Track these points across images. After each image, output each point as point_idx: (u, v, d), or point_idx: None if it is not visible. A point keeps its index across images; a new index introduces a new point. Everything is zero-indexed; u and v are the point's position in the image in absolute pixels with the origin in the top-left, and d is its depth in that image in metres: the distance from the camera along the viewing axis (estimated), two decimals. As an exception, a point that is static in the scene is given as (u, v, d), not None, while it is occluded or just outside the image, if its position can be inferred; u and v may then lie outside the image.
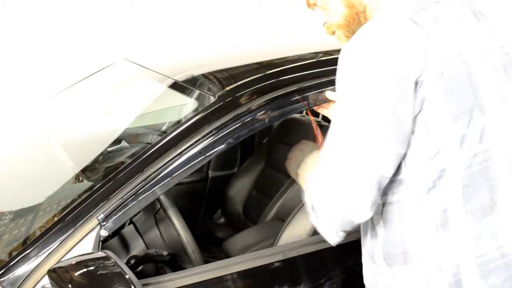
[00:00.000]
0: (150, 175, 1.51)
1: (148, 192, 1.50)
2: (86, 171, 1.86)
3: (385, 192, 1.15)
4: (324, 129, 2.47)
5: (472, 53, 1.12)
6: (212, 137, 1.57)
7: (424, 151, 1.10)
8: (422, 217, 1.14)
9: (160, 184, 1.52)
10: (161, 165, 1.52)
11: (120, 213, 1.47)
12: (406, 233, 1.16)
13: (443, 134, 1.10)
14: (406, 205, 1.15)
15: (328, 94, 1.50)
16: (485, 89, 1.13)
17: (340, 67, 1.10)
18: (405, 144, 1.08)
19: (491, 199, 1.14)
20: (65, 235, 1.42)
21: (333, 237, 1.17)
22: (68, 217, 1.45)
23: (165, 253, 1.83)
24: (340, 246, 1.68)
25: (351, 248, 1.72)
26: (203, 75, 1.92)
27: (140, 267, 1.87)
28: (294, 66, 1.86)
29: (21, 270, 1.38)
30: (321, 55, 2.01)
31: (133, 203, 1.49)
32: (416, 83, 1.06)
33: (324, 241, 1.68)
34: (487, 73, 1.13)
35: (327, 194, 1.10)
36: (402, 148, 1.08)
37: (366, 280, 1.30)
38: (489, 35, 1.17)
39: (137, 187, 1.49)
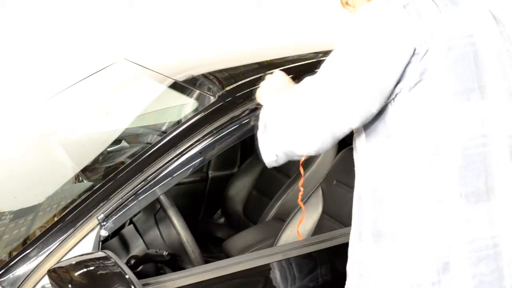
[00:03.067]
0: (150, 175, 1.51)
1: (148, 192, 1.50)
2: (86, 171, 1.86)
3: (378, 168, 1.17)
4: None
5: (482, 37, 1.15)
6: (212, 137, 1.57)
7: (419, 124, 1.11)
8: (416, 194, 1.14)
9: (160, 184, 1.52)
10: (161, 165, 1.52)
11: (120, 213, 1.47)
12: (399, 209, 1.15)
13: (441, 109, 1.11)
14: (400, 181, 1.15)
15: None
16: (490, 74, 1.15)
17: (354, 22, 1.13)
18: (378, 104, 1.10)
19: (486, 184, 1.14)
20: (65, 235, 1.42)
21: (271, 156, 1.20)
22: (68, 217, 1.45)
23: (165, 253, 1.83)
24: (340, 246, 1.69)
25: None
26: (203, 75, 1.92)
27: (140, 267, 1.87)
28: (294, 66, 1.86)
29: (21, 270, 1.37)
30: (321, 55, 2.01)
31: (133, 203, 1.49)
32: (415, 53, 1.08)
33: (324, 241, 1.69)
34: (493, 59, 1.16)
35: (287, 118, 1.13)
36: (372, 106, 1.10)
37: (349, 262, 1.29)
38: (501, 27, 1.21)
39: (137, 187, 1.49)
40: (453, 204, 1.13)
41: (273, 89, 1.35)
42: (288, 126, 1.13)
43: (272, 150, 1.19)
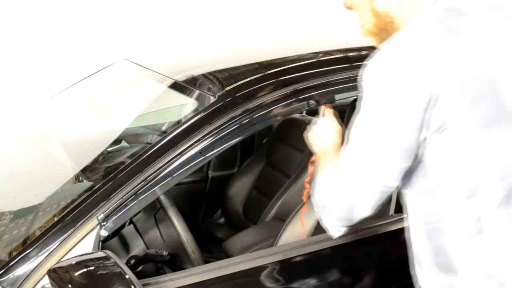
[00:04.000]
0: (150, 175, 1.51)
1: (148, 192, 1.50)
2: (86, 171, 1.86)
3: (424, 203, 1.19)
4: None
5: (494, 64, 1.12)
6: (212, 137, 1.57)
7: (451, 163, 1.12)
8: (459, 227, 1.15)
9: (160, 184, 1.52)
10: (161, 165, 1.52)
11: (120, 213, 1.47)
12: (448, 243, 1.17)
13: (470, 145, 1.11)
14: (443, 216, 1.16)
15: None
16: (510, 99, 1.13)
17: (363, 81, 1.14)
18: (409, 159, 1.13)
19: None
20: (65, 235, 1.42)
21: (335, 231, 1.25)
22: (68, 217, 1.45)
23: (165, 253, 1.83)
24: (339, 247, 1.69)
25: (350, 248, 1.73)
26: (203, 75, 1.92)
27: (140, 267, 1.87)
28: (294, 66, 1.86)
29: (21, 270, 1.37)
30: (321, 55, 2.01)
31: (133, 203, 1.49)
32: (429, 101, 1.07)
33: (323, 241, 1.69)
34: (510, 83, 1.13)
35: (333, 194, 1.18)
36: (406, 162, 1.13)
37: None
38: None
39: (137, 187, 1.49)
40: (495, 231, 1.14)
41: (321, 141, 1.42)
42: (337, 201, 1.17)
43: (334, 226, 1.25)
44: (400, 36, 1.13)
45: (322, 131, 1.45)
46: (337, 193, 1.17)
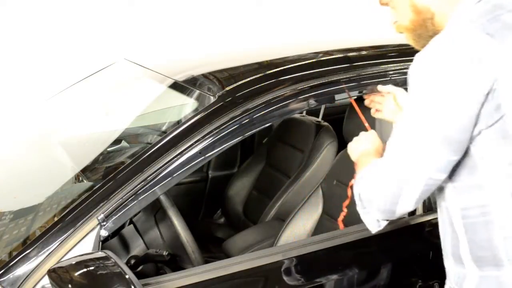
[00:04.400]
0: (150, 175, 1.51)
1: (148, 192, 1.50)
2: (86, 171, 1.86)
3: (465, 197, 1.19)
4: (324, 129, 2.49)
5: None
6: (212, 137, 1.57)
7: (503, 157, 1.13)
8: (509, 221, 1.15)
9: (160, 184, 1.52)
10: (161, 165, 1.52)
11: (120, 213, 1.47)
12: (494, 236, 1.17)
13: None
14: (491, 209, 1.16)
15: (380, 87, 1.63)
16: None
17: (412, 75, 1.14)
18: (459, 152, 1.13)
19: None
20: (65, 235, 1.42)
21: (374, 225, 1.27)
22: (68, 217, 1.45)
23: (165, 253, 1.83)
24: (339, 247, 1.69)
25: (350, 249, 1.73)
26: (203, 75, 1.92)
27: (140, 267, 1.87)
28: (294, 66, 1.85)
29: (21, 270, 1.37)
30: (321, 55, 2.01)
31: (133, 203, 1.49)
32: (488, 94, 1.08)
33: (324, 241, 1.69)
34: None
35: (378, 185, 1.17)
36: (455, 155, 1.13)
37: (450, 284, 1.31)
38: None
39: (137, 187, 1.49)
40: None
41: (363, 148, 1.42)
42: (382, 192, 1.17)
43: (374, 220, 1.26)
44: (454, 29, 1.13)
45: (363, 140, 1.45)
46: (382, 184, 1.16)
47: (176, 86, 1.98)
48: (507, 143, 1.12)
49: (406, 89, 1.27)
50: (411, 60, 1.16)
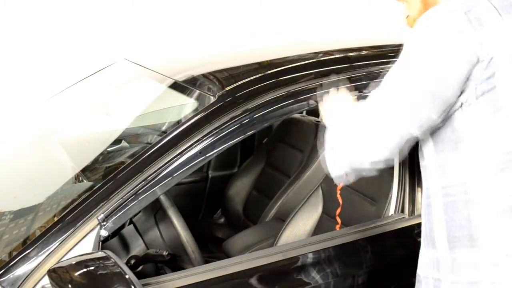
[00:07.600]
0: (150, 175, 1.51)
1: (148, 192, 1.50)
2: (86, 171, 1.86)
3: (448, 175, 1.18)
4: (321, 128, 2.49)
5: None
6: (212, 137, 1.57)
7: (489, 131, 1.13)
8: (490, 200, 1.15)
9: (160, 184, 1.52)
10: (161, 165, 1.52)
11: (120, 213, 1.47)
12: (473, 215, 1.17)
13: (510, 115, 1.11)
14: (473, 187, 1.16)
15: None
16: None
17: (412, 33, 1.16)
18: (441, 112, 1.13)
19: None
20: (65, 235, 1.42)
21: (339, 171, 1.25)
22: (68, 217, 1.45)
23: (165, 253, 1.83)
24: (340, 246, 1.69)
25: (349, 248, 1.73)
26: (203, 75, 1.92)
27: (140, 267, 1.87)
28: (294, 66, 1.85)
29: (21, 270, 1.37)
30: (321, 55, 2.01)
31: (133, 203, 1.49)
32: (478, 62, 1.09)
33: (324, 241, 1.69)
34: None
35: (349, 131, 1.18)
36: (436, 114, 1.13)
37: (421, 270, 1.31)
38: None
39: (137, 187, 1.49)
40: None
41: (337, 109, 1.39)
42: (355, 137, 1.18)
43: (340, 166, 1.24)
44: (441, 9, 1.15)
45: (336, 101, 1.43)
46: (355, 131, 1.17)
47: (176, 86, 1.98)
48: (497, 118, 1.12)
49: None
50: None
